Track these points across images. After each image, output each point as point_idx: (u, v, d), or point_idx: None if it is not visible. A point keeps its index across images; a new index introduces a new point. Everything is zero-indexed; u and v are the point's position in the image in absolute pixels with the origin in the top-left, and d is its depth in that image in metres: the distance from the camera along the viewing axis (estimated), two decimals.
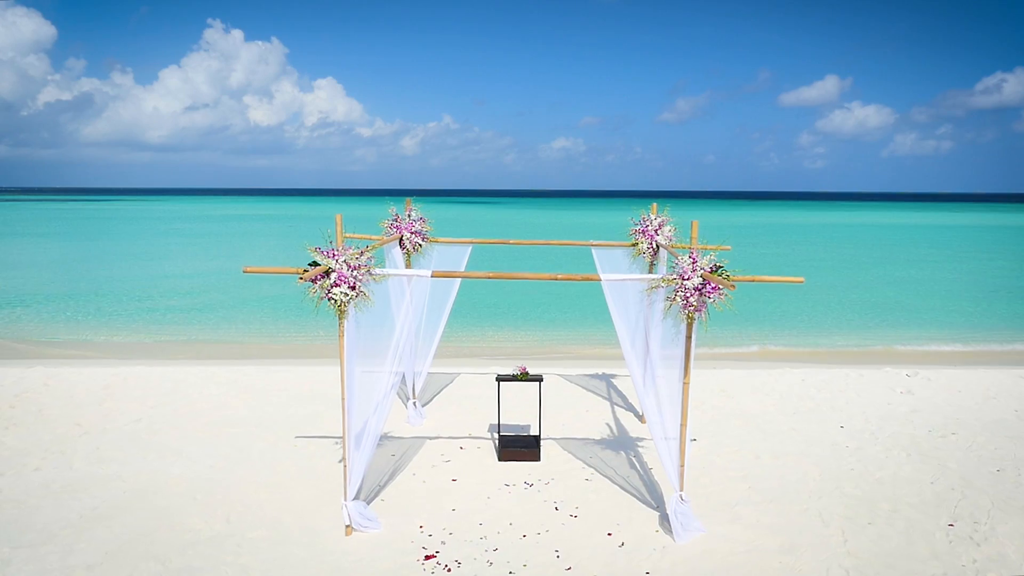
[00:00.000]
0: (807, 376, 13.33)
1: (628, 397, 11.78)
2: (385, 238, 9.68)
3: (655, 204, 10.16)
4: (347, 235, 10.22)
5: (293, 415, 10.81)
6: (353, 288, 6.80)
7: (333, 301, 6.79)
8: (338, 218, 7.13)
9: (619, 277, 7.30)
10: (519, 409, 10.91)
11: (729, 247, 10.13)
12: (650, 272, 10.19)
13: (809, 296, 25.99)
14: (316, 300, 6.75)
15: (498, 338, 20.45)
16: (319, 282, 6.77)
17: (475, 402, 11.38)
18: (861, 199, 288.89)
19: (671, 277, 6.85)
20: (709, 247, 9.69)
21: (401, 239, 9.88)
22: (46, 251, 43.90)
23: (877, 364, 16.13)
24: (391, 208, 9.95)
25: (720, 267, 6.85)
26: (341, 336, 7.04)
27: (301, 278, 6.31)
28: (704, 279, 6.75)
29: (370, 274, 6.92)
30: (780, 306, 23.80)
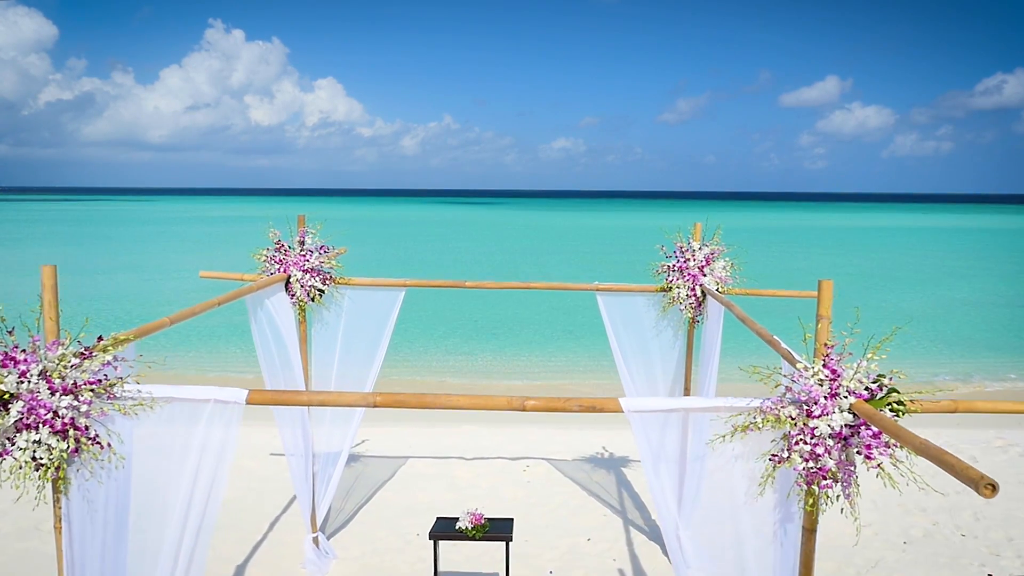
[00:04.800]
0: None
1: (647, 507, 7.95)
2: (263, 279, 5.91)
3: (698, 224, 6.36)
4: (203, 274, 6.47)
5: None
6: (65, 433, 3.03)
7: (24, 461, 3.02)
8: (47, 273, 3.31)
9: (659, 406, 3.46)
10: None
11: (815, 293, 6.39)
12: (691, 332, 6.39)
13: (848, 319, 22.06)
14: None
15: (471, 371, 16.61)
16: None
17: (423, 518, 7.54)
18: (861, 200, 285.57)
19: (779, 409, 3.06)
20: (795, 293, 6.06)
21: (288, 281, 6.09)
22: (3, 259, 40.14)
23: (964, 414, 12.33)
24: (272, 231, 6.14)
25: (889, 387, 3.06)
26: (57, 532, 3.27)
27: None
28: (857, 415, 2.98)
29: (111, 398, 3.14)
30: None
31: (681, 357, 6.44)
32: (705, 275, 6.11)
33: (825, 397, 3.02)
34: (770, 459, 3.10)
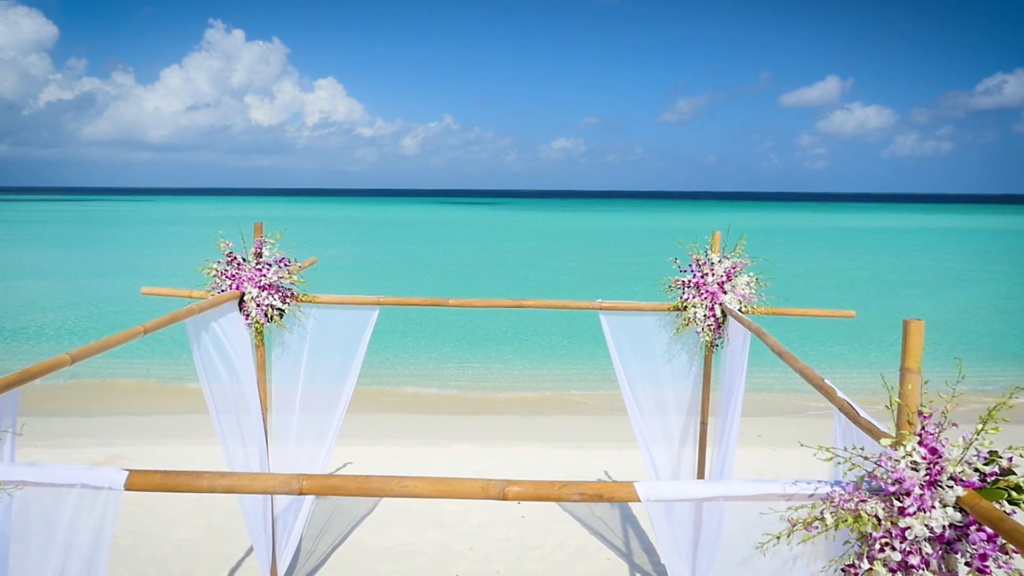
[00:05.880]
0: None
1: (656, 549, 7.10)
2: (213, 296, 5.08)
3: (717, 232, 5.51)
4: (146, 290, 5.62)
5: None
6: None
7: None
8: None
9: (690, 493, 2.58)
10: None
11: (853, 313, 5.56)
12: (708, 358, 5.55)
13: (879, 334, 21.14)
14: None
15: (462, 381, 15.76)
16: None
17: (403, 563, 6.69)
18: (861, 200, 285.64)
19: (856, 502, 2.22)
20: (830, 313, 5.23)
21: (242, 299, 5.25)
22: None
23: None
24: (223, 241, 5.30)
25: (1008, 467, 2.23)
26: None
27: None
28: (967, 511, 2.14)
29: None
30: (861, 347, 19.02)
31: (697, 386, 5.60)
32: (725, 292, 5.27)
33: (921, 486, 2.18)
34: (843, 570, 2.26)
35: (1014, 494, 2.24)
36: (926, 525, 2.16)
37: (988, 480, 2.21)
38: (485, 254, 45.82)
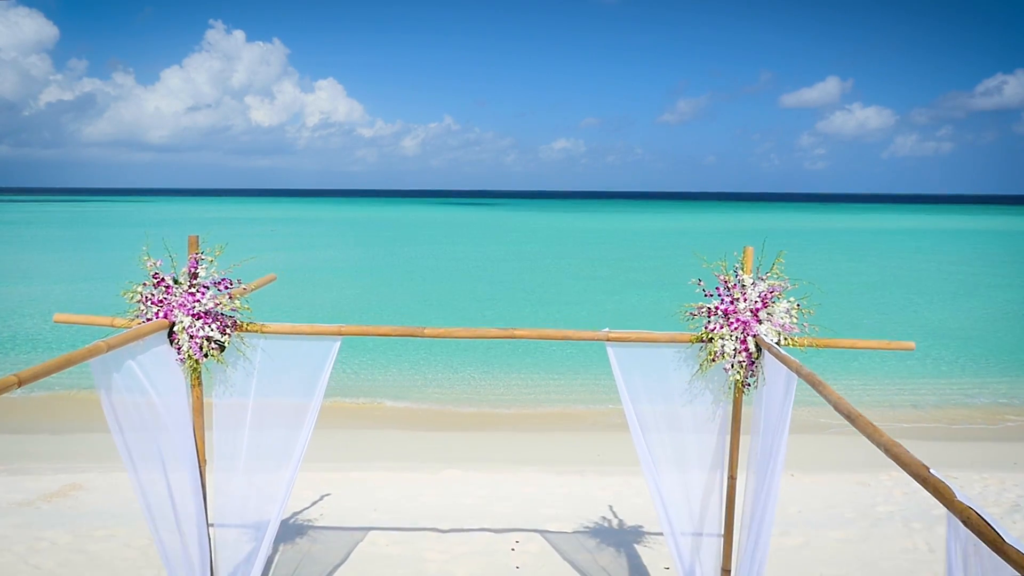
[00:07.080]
0: None
1: None
2: (137, 326, 4.15)
3: (749, 248, 4.57)
4: (59, 317, 4.68)
5: None
6: None
7: None
8: None
9: None
10: None
11: (912, 345, 4.61)
12: (738, 399, 4.61)
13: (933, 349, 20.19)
14: None
15: (451, 392, 14.78)
16: None
17: None
18: (862, 200, 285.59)
19: None
20: (886, 345, 4.21)
21: (172, 329, 4.31)
22: None
23: None
24: (147, 259, 4.35)
25: None
26: None
27: None
28: None
29: None
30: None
31: (724, 433, 4.67)
32: (761, 322, 4.33)
33: None
34: None
35: None
36: None
37: None
38: (484, 257, 44.87)
